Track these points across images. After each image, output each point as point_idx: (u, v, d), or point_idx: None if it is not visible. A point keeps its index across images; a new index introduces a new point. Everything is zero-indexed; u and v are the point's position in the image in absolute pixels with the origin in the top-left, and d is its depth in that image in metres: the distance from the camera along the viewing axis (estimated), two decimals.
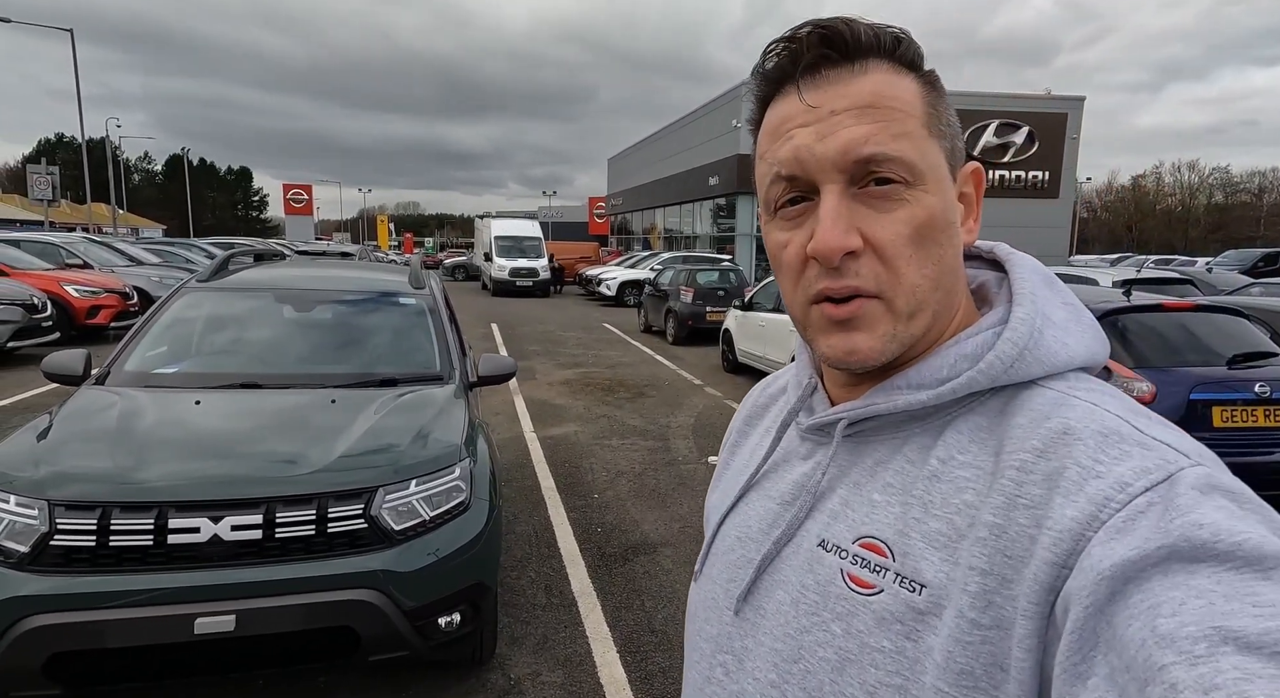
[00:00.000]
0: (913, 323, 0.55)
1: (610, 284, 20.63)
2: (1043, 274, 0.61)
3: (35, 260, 11.46)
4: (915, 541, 0.52)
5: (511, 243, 24.59)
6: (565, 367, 10.25)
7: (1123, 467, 0.45)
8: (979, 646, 0.46)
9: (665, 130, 35.64)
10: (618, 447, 6.24)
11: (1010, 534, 0.47)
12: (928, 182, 0.54)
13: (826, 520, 0.58)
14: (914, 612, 0.50)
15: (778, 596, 0.60)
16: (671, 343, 12.70)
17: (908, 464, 0.56)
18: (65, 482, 2.21)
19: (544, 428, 6.78)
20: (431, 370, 3.37)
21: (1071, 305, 0.60)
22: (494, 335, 13.37)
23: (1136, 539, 0.41)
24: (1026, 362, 0.54)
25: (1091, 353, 0.57)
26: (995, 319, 0.58)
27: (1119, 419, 0.49)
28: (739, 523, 0.67)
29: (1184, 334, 4.18)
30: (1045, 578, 0.44)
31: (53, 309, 9.63)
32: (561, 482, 5.29)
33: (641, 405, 7.86)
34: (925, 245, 0.54)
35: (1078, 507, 0.44)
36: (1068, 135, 25.18)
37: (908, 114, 0.54)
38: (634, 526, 4.51)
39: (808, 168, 0.54)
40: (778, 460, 0.68)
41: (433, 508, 2.50)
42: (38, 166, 26.26)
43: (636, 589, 3.67)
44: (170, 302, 3.47)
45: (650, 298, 14.34)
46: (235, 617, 2.14)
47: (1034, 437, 0.49)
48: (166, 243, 20.12)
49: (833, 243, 0.53)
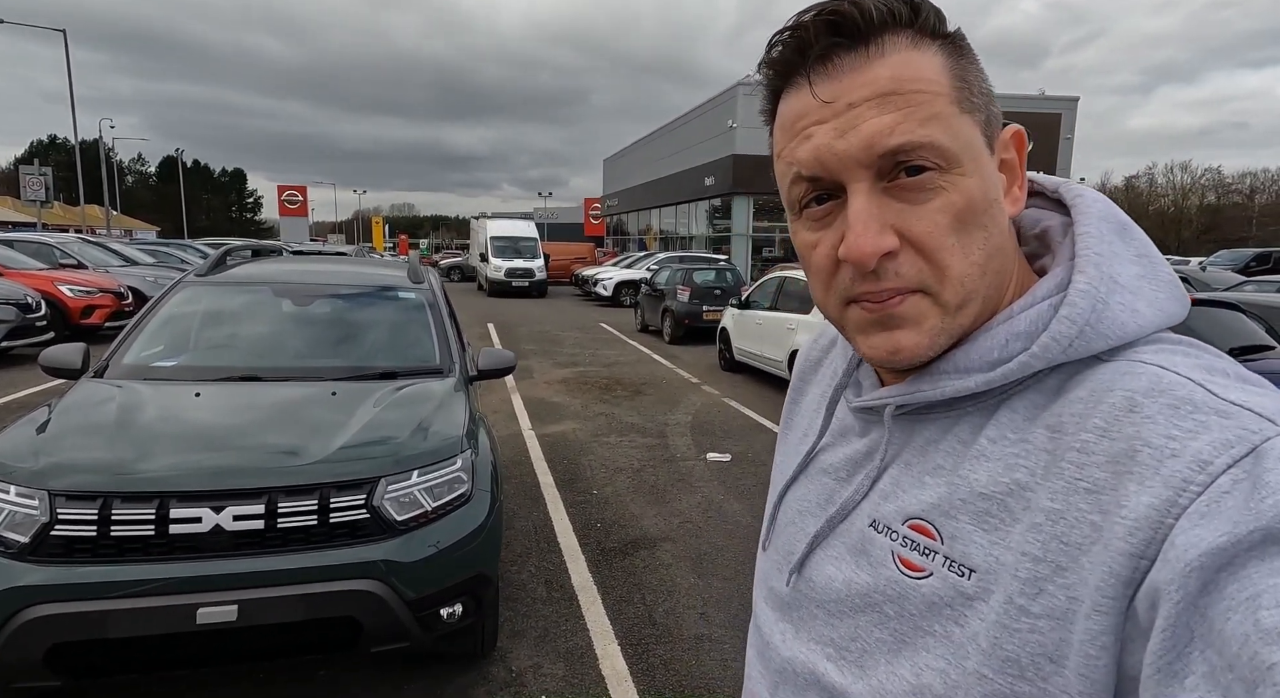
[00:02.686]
0: (962, 314, 0.52)
1: (606, 284, 20.62)
2: (1114, 221, 0.55)
3: (29, 260, 11.41)
4: (963, 523, 0.50)
5: (507, 243, 24.56)
6: (563, 366, 10.24)
7: (1199, 441, 0.41)
8: (1026, 634, 0.45)
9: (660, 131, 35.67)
10: (616, 444, 6.24)
11: (1068, 520, 0.44)
12: (964, 163, 0.50)
13: (878, 500, 0.57)
14: (962, 597, 0.49)
15: (828, 571, 0.59)
16: (669, 342, 12.70)
17: (959, 444, 0.53)
18: (66, 472, 2.20)
19: (542, 426, 6.78)
20: (431, 364, 3.36)
21: (1147, 258, 0.54)
22: (491, 335, 13.36)
23: (1224, 523, 0.37)
24: (1088, 338, 0.49)
25: (1167, 316, 0.52)
26: (1051, 286, 0.53)
27: (1191, 383, 0.44)
28: (800, 495, 0.67)
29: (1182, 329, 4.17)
30: (1121, 570, 0.41)
31: (47, 309, 9.58)
32: (560, 478, 5.29)
33: (639, 403, 7.86)
34: (968, 231, 0.50)
35: (1153, 492, 0.41)
36: (1061, 136, 25.29)
37: (934, 93, 0.50)
38: (633, 521, 4.50)
39: (830, 168, 0.51)
40: (835, 432, 0.67)
41: (434, 499, 2.50)
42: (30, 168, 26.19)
43: (637, 583, 3.66)
44: (168, 296, 3.46)
45: (647, 297, 14.34)
46: (237, 607, 2.13)
47: (1095, 414, 0.46)
48: (161, 243, 20.04)
49: (866, 248, 0.49)
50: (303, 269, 4.09)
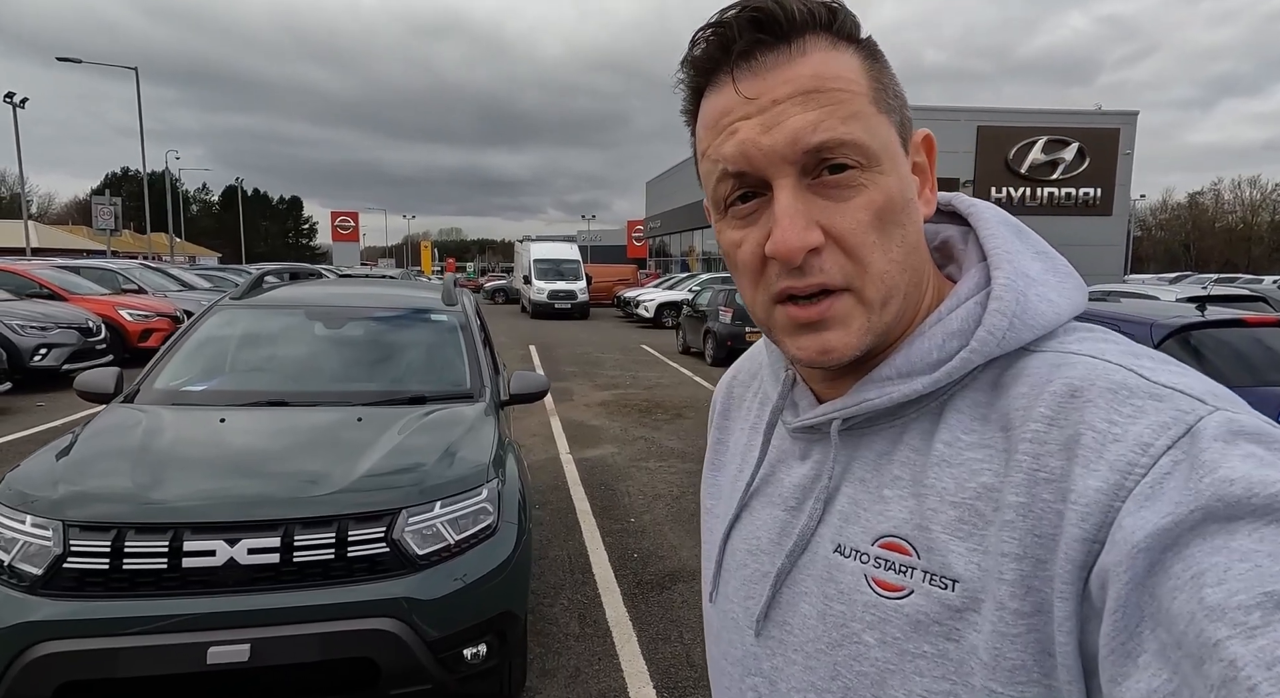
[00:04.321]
0: (885, 311, 0.52)
1: (648, 306, 20.56)
2: (1010, 224, 0.58)
3: (93, 286, 11.87)
4: (938, 533, 0.48)
5: (550, 266, 24.74)
6: (603, 388, 10.14)
7: (1139, 425, 0.42)
8: (1026, 636, 0.43)
9: None
10: (655, 469, 6.07)
11: (1037, 512, 0.44)
12: (882, 161, 0.51)
13: (839, 524, 0.55)
14: (950, 610, 0.47)
15: (801, 609, 0.56)
16: (710, 364, 12.51)
17: (913, 453, 0.52)
18: (81, 501, 2.15)
19: (580, 450, 6.65)
20: (462, 388, 3.27)
21: (1045, 255, 0.57)
22: (532, 357, 13.36)
23: (1167, 504, 0.38)
24: (1017, 329, 0.51)
25: (1076, 304, 0.54)
26: (972, 286, 0.54)
27: (1124, 369, 0.46)
28: (746, 535, 0.64)
29: (1264, 351, 3.87)
30: (1076, 555, 0.41)
31: (107, 333, 9.91)
32: (597, 505, 5.14)
33: (680, 427, 7.68)
34: (888, 229, 0.51)
35: (1100, 475, 0.41)
36: (1120, 151, 24.45)
37: (854, 92, 0.50)
38: (672, 552, 4.32)
39: (755, 163, 0.51)
40: (773, 462, 0.64)
41: (458, 531, 2.38)
42: (101, 198, 27.53)
43: (674, 620, 3.48)
44: (202, 319, 3.45)
45: (688, 319, 14.21)
46: (250, 646, 2.03)
47: (1039, 404, 0.46)
48: (217, 268, 20.83)
49: (793, 242, 0.49)
50: (336, 292, 4.06)
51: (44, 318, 9.06)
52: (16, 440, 6.49)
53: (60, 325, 9.11)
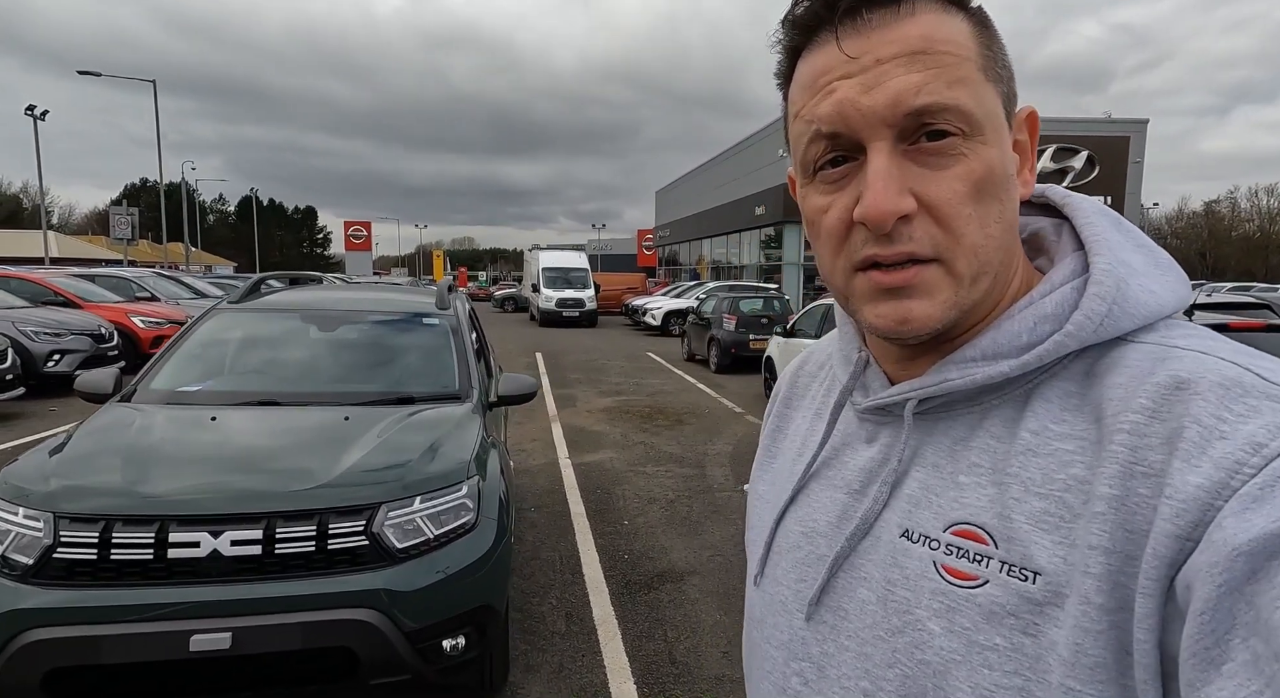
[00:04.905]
0: (975, 287, 0.50)
1: (655, 314, 20.63)
2: (1110, 216, 0.55)
3: (108, 294, 12.08)
4: (1020, 523, 0.46)
5: (559, 274, 24.89)
6: (606, 394, 10.19)
7: (1252, 424, 0.39)
8: (1108, 633, 0.41)
9: (711, 162, 35.87)
10: (652, 474, 6.12)
11: (1130, 506, 0.42)
12: (986, 132, 0.49)
13: (907, 508, 0.53)
14: (1030, 603, 0.45)
15: (860, 594, 0.54)
16: (714, 371, 12.55)
17: (993, 440, 0.50)
18: (71, 494, 2.23)
19: (579, 455, 6.71)
20: (450, 389, 3.34)
21: (1146, 247, 0.54)
22: (538, 364, 13.44)
23: (1277, 509, 0.36)
24: (1116, 317, 0.48)
25: (1179, 298, 0.52)
26: (1068, 272, 0.52)
27: (1237, 367, 0.43)
28: (802, 517, 0.61)
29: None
30: (1166, 552, 0.39)
31: (119, 339, 10.09)
32: (592, 508, 5.19)
33: (680, 433, 7.72)
34: (986, 202, 0.49)
35: (1202, 472, 0.39)
36: (1130, 159, 24.32)
37: (962, 58, 0.48)
38: (662, 553, 4.36)
39: (852, 124, 0.49)
40: (836, 445, 0.62)
41: (438, 526, 2.44)
42: (119, 208, 28.01)
43: (660, 619, 3.52)
44: (200, 322, 3.55)
45: (694, 326, 14.26)
46: (231, 635, 2.10)
47: (1140, 395, 0.44)
48: (231, 277, 21.09)
49: (885, 207, 0.47)
50: (332, 296, 4.16)
51: (58, 325, 9.24)
52: (28, 443, 6.63)
53: (73, 332, 9.29)
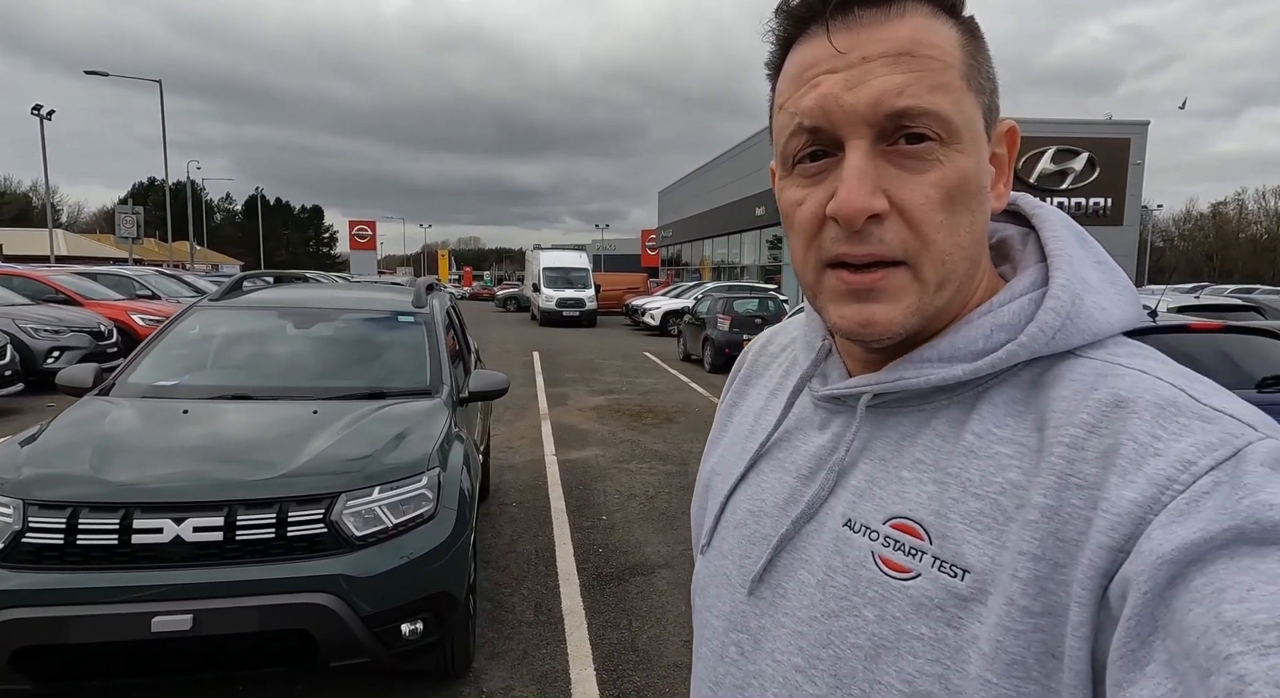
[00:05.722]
0: (939, 294, 0.51)
1: (654, 314, 20.71)
2: (1074, 231, 0.57)
3: (109, 291, 12.23)
4: (954, 522, 0.48)
5: (559, 274, 25.00)
6: (598, 393, 10.28)
7: (1183, 443, 0.42)
8: (1031, 634, 0.43)
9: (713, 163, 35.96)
10: (635, 470, 6.20)
11: (1063, 516, 0.43)
12: (963, 140, 0.49)
13: (852, 499, 0.55)
14: (956, 598, 0.47)
15: (800, 576, 0.56)
16: (709, 371, 12.62)
17: (938, 439, 0.52)
18: (41, 482, 2.33)
19: (565, 452, 6.80)
20: (421, 385, 3.44)
21: (1104, 265, 0.56)
22: (534, 363, 13.54)
23: (1200, 521, 0.38)
24: (1068, 331, 0.50)
25: (1129, 317, 0.53)
26: (1028, 283, 0.54)
27: (1174, 388, 0.45)
28: (751, 495, 0.63)
29: (1214, 357, 3.94)
30: (1101, 563, 0.41)
31: (118, 336, 10.22)
32: (572, 503, 5.28)
33: (667, 431, 7.81)
34: (957, 211, 0.50)
35: (1136, 488, 0.41)
36: (1131, 161, 24.29)
37: (947, 64, 0.49)
38: (636, 547, 4.45)
39: (833, 119, 0.49)
40: (790, 428, 0.64)
41: (397, 515, 2.53)
42: (124, 207, 28.23)
43: (626, 609, 3.61)
44: (181, 318, 3.66)
45: (689, 326, 14.33)
46: (192, 617, 2.19)
47: (1081, 410, 0.46)
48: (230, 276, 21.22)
49: (857, 203, 0.48)
50: (311, 295, 4.26)
51: (57, 322, 9.39)
52: None
53: (73, 329, 9.42)
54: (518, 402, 9.07)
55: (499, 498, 5.35)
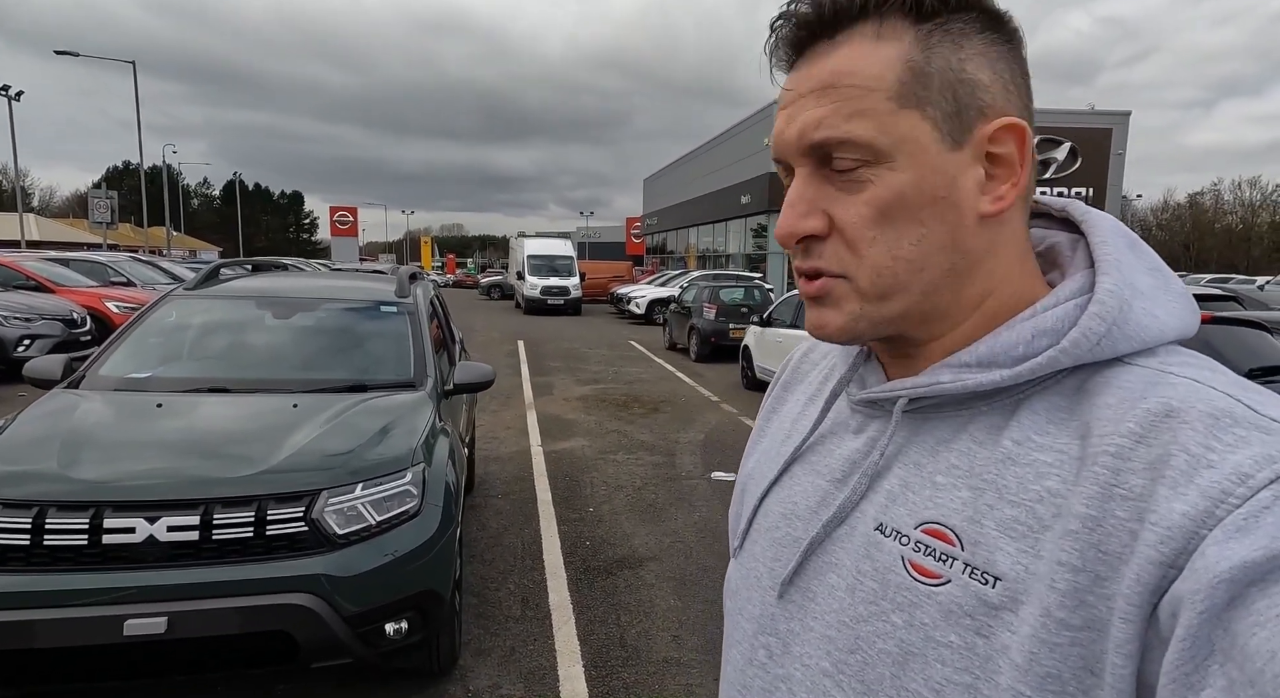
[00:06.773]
0: (884, 305, 0.52)
1: (639, 302, 20.64)
2: (1126, 236, 0.55)
3: (82, 278, 11.96)
4: (988, 528, 0.47)
5: (544, 262, 24.84)
6: (584, 382, 10.22)
7: (1240, 455, 0.40)
8: (1068, 648, 0.42)
9: (698, 151, 35.80)
10: (622, 461, 6.16)
11: (1106, 528, 0.42)
12: (895, 158, 0.50)
13: (884, 503, 0.54)
14: (986, 606, 0.46)
15: (829, 580, 0.56)
16: (694, 360, 12.59)
17: (975, 445, 0.51)
18: (6, 480, 2.23)
19: (551, 442, 6.74)
20: (404, 377, 3.35)
21: (1158, 271, 0.54)
22: (519, 353, 13.44)
23: (1262, 538, 0.37)
24: (1114, 338, 0.48)
25: (1184, 325, 0.52)
26: (1074, 289, 0.52)
27: (1229, 398, 0.43)
28: (784, 498, 0.63)
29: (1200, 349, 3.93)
30: (1149, 579, 0.40)
31: (92, 324, 9.99)
32: (559, 495, 5.23)
33: (654, 421, 7.77)
34: (896, 226, 0.51)
35: (1188, 501, 0.39)
36: (1113, 151, 24.46)
37: (868, 89, 0.50)
38: (624, 539, 4.41)
39: (781, 152, 0.54)
40: (825, 432, 0.64)
41: (381, 512, 2.46)
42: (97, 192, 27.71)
43: (614, 604, 3.57)
44: (154, 308, 3.54)
45: (675, 315, 14.28)
46: (167, 619, 2.12)
47: (1128, 419, 0.44)
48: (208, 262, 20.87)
49: (784, 228, 0.53)
50: (290, 284, 4.14)
51: (29, 310, 9.16)
52: None
53: (45, 317, 9.20)
54: (503, 391, 8.98)
55: (484, 490, 5.28)
